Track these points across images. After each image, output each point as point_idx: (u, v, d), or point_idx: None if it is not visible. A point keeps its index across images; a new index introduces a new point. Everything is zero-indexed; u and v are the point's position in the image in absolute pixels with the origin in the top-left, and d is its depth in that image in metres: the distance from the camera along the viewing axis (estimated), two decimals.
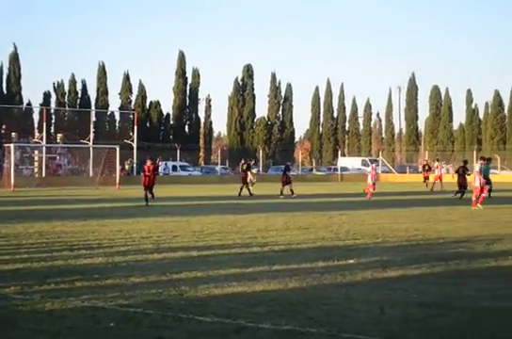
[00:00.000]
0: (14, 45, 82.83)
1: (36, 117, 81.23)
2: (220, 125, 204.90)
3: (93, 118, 74.72)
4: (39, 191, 43.17)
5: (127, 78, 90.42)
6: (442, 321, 8.07)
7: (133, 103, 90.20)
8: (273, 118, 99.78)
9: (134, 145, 65.72)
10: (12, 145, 52.28)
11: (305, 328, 7.66)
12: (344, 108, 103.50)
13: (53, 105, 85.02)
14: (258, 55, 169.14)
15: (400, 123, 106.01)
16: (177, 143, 72.59)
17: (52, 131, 79.51)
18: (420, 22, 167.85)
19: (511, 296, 9.52)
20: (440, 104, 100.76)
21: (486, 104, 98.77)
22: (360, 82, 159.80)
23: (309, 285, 10.17)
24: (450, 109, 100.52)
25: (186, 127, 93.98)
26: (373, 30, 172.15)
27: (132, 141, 66.40)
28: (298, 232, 17.69)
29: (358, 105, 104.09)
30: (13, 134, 69.78)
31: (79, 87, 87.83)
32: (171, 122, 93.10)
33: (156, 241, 15.48)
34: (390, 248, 14.56)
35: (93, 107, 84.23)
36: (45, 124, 62.41)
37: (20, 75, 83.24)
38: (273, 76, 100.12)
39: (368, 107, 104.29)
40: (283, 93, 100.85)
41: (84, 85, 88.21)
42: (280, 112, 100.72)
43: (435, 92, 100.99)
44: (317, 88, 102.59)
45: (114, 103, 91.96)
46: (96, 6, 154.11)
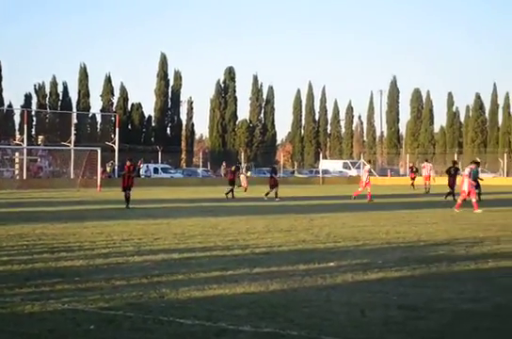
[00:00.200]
0: None
1: (17, 119, 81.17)
2: (202, 128, 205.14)
3: (74, 120, 74.53)
4: (20, 193, 42.95)
5: (109, 80, 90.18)
6: (423, 324, 8.08)
7: (114, 105, 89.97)
8: (255, 120, 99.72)
9: (115, 147, 65.57)
10: None
11: (285, 330, 7.66)
12: (326, 111, 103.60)
13: (34, 107, 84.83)
14: (240, 57, 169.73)
15: (381, 126, 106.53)
16: (159, 145, 72.53)
17: (33, 133, 79.31)
18: (402, 24, 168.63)
19: (491, 298, 9.54)
20: (422, 107, 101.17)
21: (467, 107, 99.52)
22: (342, 85, 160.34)
23: (289, 288, 10.17)
24: (431, 112, 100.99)
25: (168, 129, 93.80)
26: (355, 33, 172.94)
27: (113, 143, 66.25)
28: (279, 234, 17.67)
29: (339, 108, 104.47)
30: None
31: (60, 89, 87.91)
32: (153, 125, 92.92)
33: (137, 243, 15.44)
34: (370, 250, 14.59)
35: (75, 109, 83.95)
36: (26, 126, 62.23)
37: (1, 77, 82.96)
38: (255, 79, 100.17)
39: (350, 110, 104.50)
40: (265, 96, 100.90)
41: (65, 87, 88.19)
42: (262, 115, 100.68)
43: (416, 95, 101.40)
44: (299, 90, 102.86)
45: (95, 105, 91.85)
46: (78, 8, 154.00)
